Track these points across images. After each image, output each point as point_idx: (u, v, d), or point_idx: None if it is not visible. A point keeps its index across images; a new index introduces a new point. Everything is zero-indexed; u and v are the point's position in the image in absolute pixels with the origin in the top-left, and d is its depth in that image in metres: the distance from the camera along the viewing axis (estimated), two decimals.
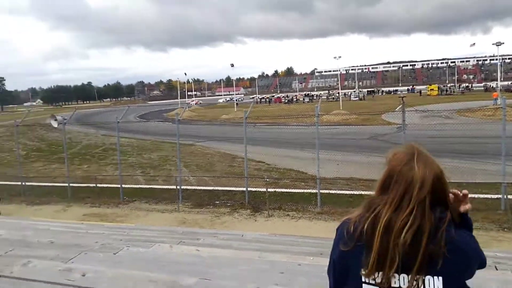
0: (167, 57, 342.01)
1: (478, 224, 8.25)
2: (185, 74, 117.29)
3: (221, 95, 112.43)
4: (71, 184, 13.15)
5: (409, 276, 1.17)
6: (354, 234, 1.24)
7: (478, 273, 3.31)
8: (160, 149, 22.17)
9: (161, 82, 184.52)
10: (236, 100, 65.79)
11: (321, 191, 10.24)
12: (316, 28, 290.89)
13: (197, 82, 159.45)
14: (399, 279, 1.19)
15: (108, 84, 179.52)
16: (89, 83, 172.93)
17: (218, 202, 11.20)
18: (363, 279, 1.23)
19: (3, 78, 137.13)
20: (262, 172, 14.27)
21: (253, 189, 11.44)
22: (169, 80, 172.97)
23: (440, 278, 1.17)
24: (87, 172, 16.58)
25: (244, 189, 11.18)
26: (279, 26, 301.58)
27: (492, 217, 8.63)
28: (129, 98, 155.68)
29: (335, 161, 13.83)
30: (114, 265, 3.65)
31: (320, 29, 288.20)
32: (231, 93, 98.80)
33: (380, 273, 1.19)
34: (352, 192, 10.71)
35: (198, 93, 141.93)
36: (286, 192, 11.58)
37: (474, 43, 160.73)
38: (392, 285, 1.19)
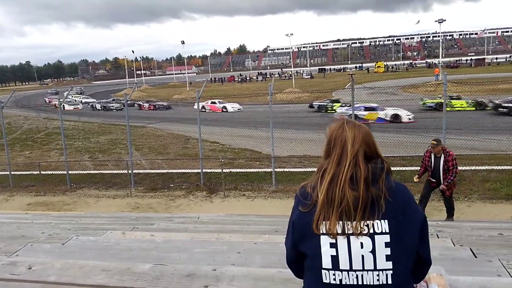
0: (112, 34, 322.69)
1: None
2: (133, 52, 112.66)
3: (172, 74, 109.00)
4: (12, 172, 12.38)
5: (355, 222, 1.28)
6: (311, 194, 1.34)
7: None
8: (108, 132, 21.27)
9: (106, 60, 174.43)
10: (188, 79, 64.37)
11: (275, 169, 10.39)
12: (265, 4, 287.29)
13: (146, 60, 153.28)
14: (350, 226, 1.28)
15: (48, 63, 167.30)
16: (28, 62, 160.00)
17: (172, 185, 11.04)
18: (320, 231, 1.30)
19: None
20: (217, 153, 14.23)
21: (208, 170, 11.39)
22: (116, 59, 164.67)
23: (386, 221, 1.28)
24: (29, 159, 15.59)
25: (199, 170, 11.09)
26: (228, 1, 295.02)
27: None
28: (72, 78, 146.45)
29: (288, 139, 14.08)
30: (62, 255, 3.50)
31: (269, 6, 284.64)
32: (182, 71, 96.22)
33: (327, 222, 1.29)
34: (305, 170, 11.01)
35: (147, 71, 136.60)
36: (241, 172, 11.64)
37: (419, 21, 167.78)
38: (343, 232, 1.28)
